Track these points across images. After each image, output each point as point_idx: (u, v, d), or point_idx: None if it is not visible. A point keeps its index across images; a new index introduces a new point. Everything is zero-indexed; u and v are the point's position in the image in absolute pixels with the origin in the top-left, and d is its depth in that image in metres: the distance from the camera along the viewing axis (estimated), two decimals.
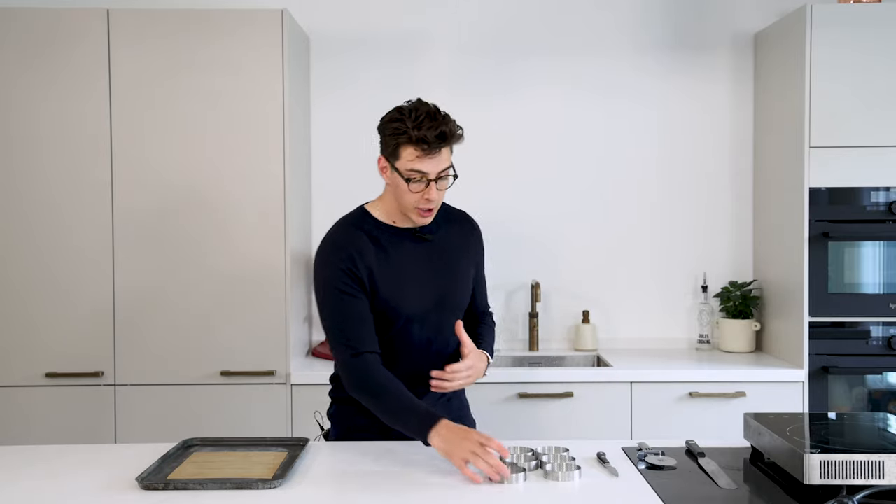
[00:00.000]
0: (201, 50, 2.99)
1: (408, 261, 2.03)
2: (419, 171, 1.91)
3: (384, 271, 1.99)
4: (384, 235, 2.03)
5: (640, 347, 3.50)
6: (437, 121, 1.89)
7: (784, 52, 3.20)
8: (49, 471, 1.84)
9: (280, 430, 2.98)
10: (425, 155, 1.89)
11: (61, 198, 3.00)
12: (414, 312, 2.02)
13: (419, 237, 2.06)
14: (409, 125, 1.88)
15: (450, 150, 1.95)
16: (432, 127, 1.88)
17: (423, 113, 1.89)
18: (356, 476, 1.80)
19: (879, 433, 1.78)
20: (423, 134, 1.87)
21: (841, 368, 3.02)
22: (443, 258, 2.08)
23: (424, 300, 2.03)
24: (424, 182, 1.92)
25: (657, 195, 3.55)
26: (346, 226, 2.04)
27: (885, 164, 3.00)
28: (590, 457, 1.89)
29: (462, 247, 2.13)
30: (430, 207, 1.96)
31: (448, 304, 2.07)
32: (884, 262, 3.03)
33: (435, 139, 1.88)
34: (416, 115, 1.89)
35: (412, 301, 2.01)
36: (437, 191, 1.93)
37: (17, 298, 3.01)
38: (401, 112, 1.92)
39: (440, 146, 1.90)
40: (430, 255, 2.06)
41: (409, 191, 1.93)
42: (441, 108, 1.94)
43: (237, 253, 3.01)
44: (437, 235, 2.09)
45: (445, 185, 1.96)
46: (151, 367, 3.01)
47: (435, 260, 2.06)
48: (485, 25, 3.53)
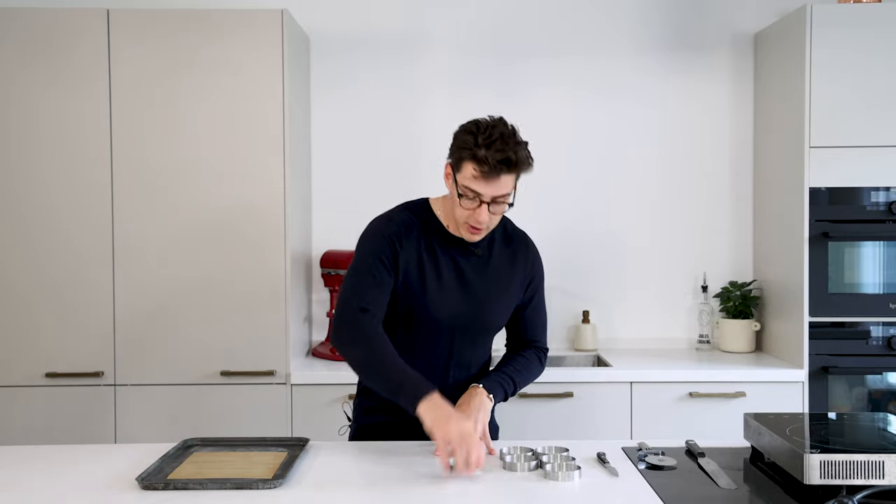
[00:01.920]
0: (201, 50, 2.99)
1: (450, 268, 1.99)
2: (474, 191, 1.85)
3: (424, 270, 1.96)
4: (436, 236, 2.00)
5: (640, 347, 3.50)
6: (506, 144, 1.82)
7: (784, 53, 3.20)
8: (49, 471, 1.84)
9: (280, 430, 2.98)
10: (483, 177, 1.83)
11: (61, 198, 3.00)
12: (440, 319, 1.98)
13: (469, 250, 2.01)
14: (479, 142, 1.82)
15: (514, 177, 1.87)
16: (500, 150, 1.81)
17: (496, 134, 1.83)
18: (356, 476, 1.80)
19: (879, 433, 1.78)
20: (487, 155, 1.81)
21: (841, 368, 3.02)
22: (486, 276, 2.01)
23: (454, 312, 1.98)
24: (477, 202, 1.86)
25: (657, 195, 3.55)
26: (408, 212, 2.01)
27: (885, 164, 3.01)
28: (590, 457, 1.89)
29: (512, 269, 2.05)
30: (478, 227, 1.91)
31: (480, 323, 2.02)
32: (884, 262, 3.03)
33: (497, 164, 1.81)
34: (489, 135, 1.83)
35: (441, 308, 1.97)
36: (488, 214, 1.88)
37: (18, 298, 3.00)
38: (476, 126, 1.87)
39: (501, 172, 1.83)
40: (474, 269, 2.01)
41: (462, 206, 1.89)
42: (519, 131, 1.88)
43: (237, 253, 3.01)
44: (488, 252, 2.03)
45: (499, 210, 1.90)
46: (151, 367, 3.01)
47: (478, 276, 2.01)
48: (485, 26, 3.53)
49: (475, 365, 2.08)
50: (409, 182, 3.49)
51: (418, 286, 1.96)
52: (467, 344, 2.04)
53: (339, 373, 3.00)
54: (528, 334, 2.13)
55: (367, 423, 2.11)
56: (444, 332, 2.00)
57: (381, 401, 1.97)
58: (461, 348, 2.04)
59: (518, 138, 1.86)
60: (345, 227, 3.49)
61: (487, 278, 2.02)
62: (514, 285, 2.06)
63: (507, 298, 2.05)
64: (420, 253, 1.97)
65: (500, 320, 2.08)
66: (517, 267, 2.06)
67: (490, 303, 2.02)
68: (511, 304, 2.07)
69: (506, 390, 2.00)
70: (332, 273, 3.31)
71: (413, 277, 1.96)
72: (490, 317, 2.04)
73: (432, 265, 1.98)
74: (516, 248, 2.08)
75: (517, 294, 2.08)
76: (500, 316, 2.07)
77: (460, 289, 1.99)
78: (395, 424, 2.03)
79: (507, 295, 2.05)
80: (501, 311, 2.06)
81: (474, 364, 2.07)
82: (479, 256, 2.02)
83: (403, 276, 1.95)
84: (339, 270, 3.28)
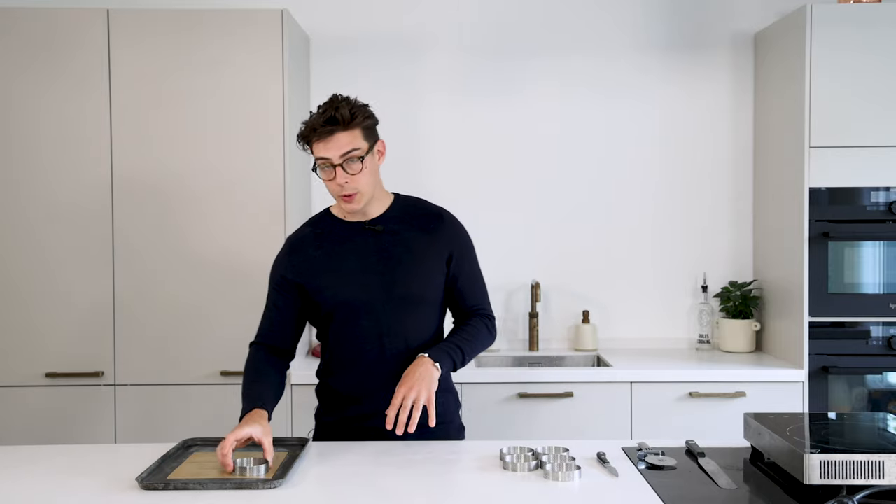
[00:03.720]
0: (201, 50, 2.99)
1: (356, 252, 2.08)
2: (321, 158, 1.98)
3: (327, 264, 2.07)
4: (335, 230, 2.11)
5: (640, 347, 3.50)
6: (329, 107, 1.97)
7: (784, 52, 3.20)
8: (49, 471, 1.84)
9: (280, 430, 2.98)
10: (320, 141, 1.97)
11: (61, 197, 3.00)
12: (357, 300, 2.05)
13: (369, 229, 2.09)
14: (308, 119, 1.99)
15: (356, 134, 1.98)
16: (323, 114, 1.96)
17: (322, 106, 1.99)
18: (356, 476, 1.80)
19: (879, 433, 1.78)
20: (313, 122, 1.97)
21: (841, 368, 3.02)
22: (396, 249, 2.07)
23: (370, 289, 2.05)
24: (331, 168, 1.98)
25: (657, 195, 3.55)
26: (303, 226, 2.18)
27: (885, 164, 3.00)
28: (590, 457, 1.89)
29: (425, 240, 2.10)
30: (347, 193, 2.00)
31: (398, 294, 2.06)
32: (884, 262, 3.03)
33: (323, 124, 1.95)
34: (317, 110, 1.99)
35: (353, 290, 2.05)
36: (347, 174, 1.98)
37: (18, 298, 3.01)
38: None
39: (332, 130, 1.95)
40: (380, 246, 2.08)
41: (324, 179, 2.01)
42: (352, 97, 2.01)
43: (237, 253, 3.01)
44: (393, 228, 2.10)
45: (354, 169, 1.98)
46: (151, 367, 3.01)
47: (387, 251, 2.07)
48: (485, 26, 3.53)
49: (414, 338, 2.08)
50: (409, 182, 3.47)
51: (325, 282, 2.07)
52: (394, 318, 2.06)
53: None
54: (467, 303, 2.17)
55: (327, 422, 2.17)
56: (363, 310, 2.05)
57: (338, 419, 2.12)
58: (389, 323, 2.06)
59: (342, 100, 1.99)
60: None
61: (396, 250, 2.08)
62: (430, 257, 2.10)
63: (423, 269, 2.09)
64: (317, 255, 2.09)
65: (419, 289, 2.09)
66: (432, 239, 2.11)
67: (401, 272, 2.07)
68: (430, 274, 2.10)
69: (453, 357, 2.04)
70: None
71: (317, 279, 2.07)
72: (405, 287, 2.07)
73: (333, 258, 2.08)
74: (429, 221, 2.14)
75: (436, 266, 2.11)
76: (418, 285, 2.09)
77: (366, 267, 2.06)
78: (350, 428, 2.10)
79: (421, 266, 2.09)
80: (418, 281, 2.08)
81: (411, 337, 2.08)
82: (381, 232, 2.09)
83: (307, 283, 2.08)
84: None
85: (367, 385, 2.08)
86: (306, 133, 1.98)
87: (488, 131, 3.53)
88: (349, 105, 1.98)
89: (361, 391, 2.09)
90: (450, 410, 2.16)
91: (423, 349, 2.06)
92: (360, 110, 1.99)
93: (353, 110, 1.97)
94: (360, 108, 1.99)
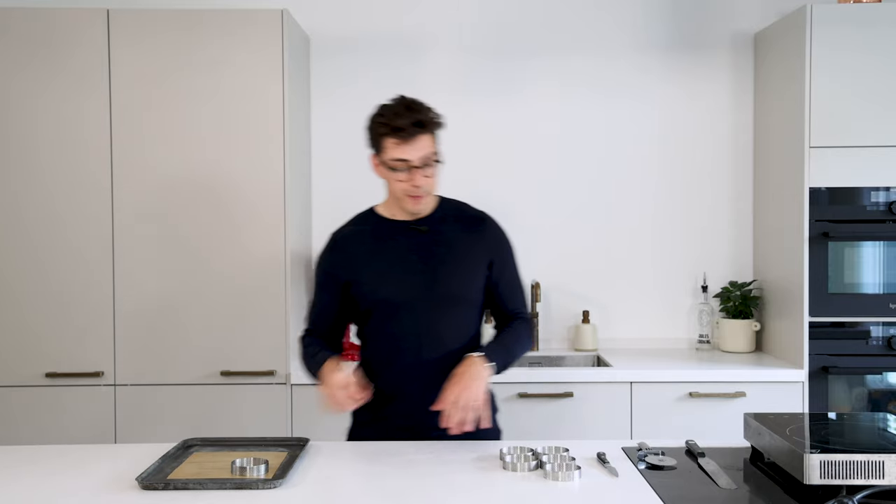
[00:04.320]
0: (201, 50, 2.99)
1: (398, 251, 2.10)
2: (401, 160, 2.00)
3: (371, 261, 2.10)
4: (380, 228, 2.13)
5: (640, 347, 3.50)
6: (412, 110, 2.00)
7: (784, 52, 3.20)
8: (49, 471, 1.84)
9: (280, 430, 2.98)
10: (404, 143, 1.99)
11: (61, 197, 3.00)
12: (396, 298, 2.07)
13: (414, 229, 2.11)
14: (388, 117, 2.00)
15: (431, 137, 2.03)
16: (408, 116, 1.98)
17: (400, 105, 2.02)
18: (356, 476, 1.80)
19: (879, 433, 1.78)
20: (398, 123, 1.98)
21: (841, 368, 3.02)
22: (439, 249, 2.10)
23: (410, 287, 2.07)
24: (408, 169, 2.01)
25: (657, 195, 3.55)
26: (347, 223, 2.21)
27: (885, 164, 3.00)
28: (590, 457, 1.89)
29: (467, 242, 2.13)
30: (418, 194, 2.03)
31: (439, 293, 2.07)
32: (884, 262, 3.03)
33: (411, 126, 1.98)
34: (395, 108, 2.01)
35: (393, 287, 2.07)
36: (423, 177, 2.01)
37: (17, 298, 3.01)
38: (381, 107, 2.05)
39: (417, 133, 1.99)
40: (424, 246, 2.10)
41: (396, 179, 2.03)
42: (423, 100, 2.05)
43: (237, 253, 3.01)
44: (437, 229, 2.12)
45: (431, 172, 2.04)
46: (151, 367, 3.01)
47: (429, 251, 2.09)
48: (485, 26, 3.53)
49: (451, 339, 2.09)
50: None
51: (365, 279, 2.10)
52: (433, 318, 2.08)
53: None
54: (508, 307, 2.19)
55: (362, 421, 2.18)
56: (402, 308, 2.07)
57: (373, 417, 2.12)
58: (427, 323, 2.07)
59: (420, 102, 2.04)
60: None
61: (438, 250, 2.10)
62: (472, 259, 2.12)
63: (464, 270, 2.11)
64: (359, 252, 2.12)
65: (459, 290, 2.11)
66: (474, 242, 2.14)
67: (442, 272, 2.08)
68: (471, 277, 2.12)
69: (503, 360, 2.06)
70: None
71: (358, 275, 2.10)
72: (445, 286, 2.08)
73: (375, 256, 2.11)
74: (472, 224, 2.17)
75: (478, 269, 2.13)
76: (459, 286, 2.11)
77: (408, 266, 2.09)
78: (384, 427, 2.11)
79: (462, 267, 2.11)
80: (459, 282, 2.10)
81: (449, 338, 2.09)
82: (426, 233, 2.12)
83: (348, 279, 2.11)
84: None
85: (402, 384, 2.09)
86: (386, 132, 1.99)
87: (488, 131, 3.53)
88: (430, 110, 2.03)
89: (396, 390, 2.10)
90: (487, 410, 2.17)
91: (461, 351, 2.07)
92: (439, 116, 2.05)
93: (435, 115, 2.04)
94: (438, 114, 2.05)
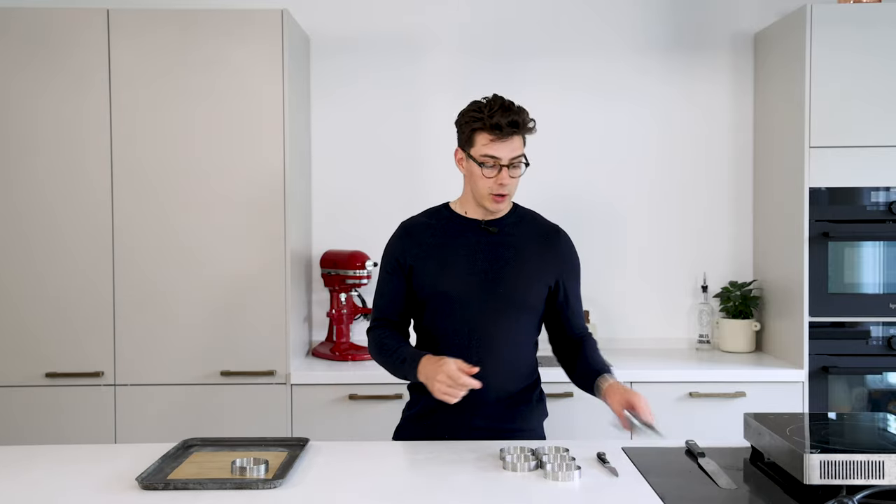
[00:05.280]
0: (201, 50, 2.99)
1: (465, 247, 2.11)
2: (492, 157, 2.02)
3: (436, 253, 2.11)
4: (450, 223, 2.15)
5: (640, 347, 3.50)
6: (510, 110, 2.02)
7: (784, 52, 3.20)
8: (49, 471, 1.84)
9: (280, 430, 2.98)
10: (498, 140, 2.02)
11: (61, 197, 3.00)
12: (452, 292, 2.07)
13: (484, 228, 2.13)
14: (485, 113, 2.02)
15: (522, 140, 2.06)
16: (505, 115, 2.01)
17: (497, 103, 2.04)
18: (356, 476, 1.80)
19: (879, 433, 1.79)
20: (496, 121, 2.00)
21: (841, 368, 3.02)
22: (506, 252, 2.11)
23: (469, 284, 2.07)
24: (497, 168, 2.03)
25: (657, 195, 3.55)
26: (419, 214, 2.23)
27: (885, 164, 3.01)
28: (590, 457, 1.89)
29: (537, 251, 2.13)
30: (502, 193, 2.05)
31: (497, 295, 2.07)
32: (884, 262, 3.03)
33: (507, 125, 2.01)
34: (491, 105, 2.03)
35: (452, 281, 2.08)
36: (509, 177, 2.04)
37: (17, 298, 3.00)
38: (478, 103, 2.07)
39: (512, 133, 2.02)
40: (492, 246, 2.11)
41: (483, 176, 2.04)
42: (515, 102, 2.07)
43: (237, 253, 3.01)
44: (508, 232, 2.13)
45: (517, 173, 2.06)
46: (151, 367, 3.01)
47: (496, 252, 2.10)
48: (485, 26, 3.53)
49: (505, 342, 2.09)
50: (410, 182, 3.49)
51: (428, 269, 2.10)
52: (488, 319, 2.08)
53: (339, 373, 3.00)
54: (575, 326, 2.20)
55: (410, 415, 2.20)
56: (458, 303, 2.07)
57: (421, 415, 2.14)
58: (483, 322, 2.07)
59: (517, 105, 2.06)
60: (345, 228, 3.50)
61: (506, 253, 2.11)
62: (538, 268, 2.12)
63: (528, 276, 2.11)
64: (428, 242, 2.13)
65: (518, 295, 2.10)
66: (545, 252, 2.15)
67: (506, 274, 2.09)
68: (534, 283, 2.12)
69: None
70: (332, 273, 3.31)
71: (422, 264, 2.11)
72: (506, 288, 2.08)
73: (442, 249, 2.11)
74: (545, 234, 2.18)
75: (543, 279, 2.13)
76: (520, 292, 2.10)
77: (471, 263, 2.10)
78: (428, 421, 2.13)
79: (526, 272, 2.11)
80: (521, 286, 2.10)
81: (501, 340, 2.09)
82: (495, 233, 2.12)
83: (413, 266, 2.11)
84: (339, 270, 3.28)
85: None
86: (481, 127, 2.01)
87: None
88: (526, 113, 2.06)
89: None
90: (532, 417, 2.18)
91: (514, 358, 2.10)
92: (533, 121, 2.08)
93: (530, 119, 2.07)
94: (533, 119, 2.08)
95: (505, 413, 2.10)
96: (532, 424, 2.17)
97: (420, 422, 2.14)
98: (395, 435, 2.22)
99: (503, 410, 2.10)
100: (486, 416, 2.08)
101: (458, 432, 2.07)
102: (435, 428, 2.10)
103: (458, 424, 2.08)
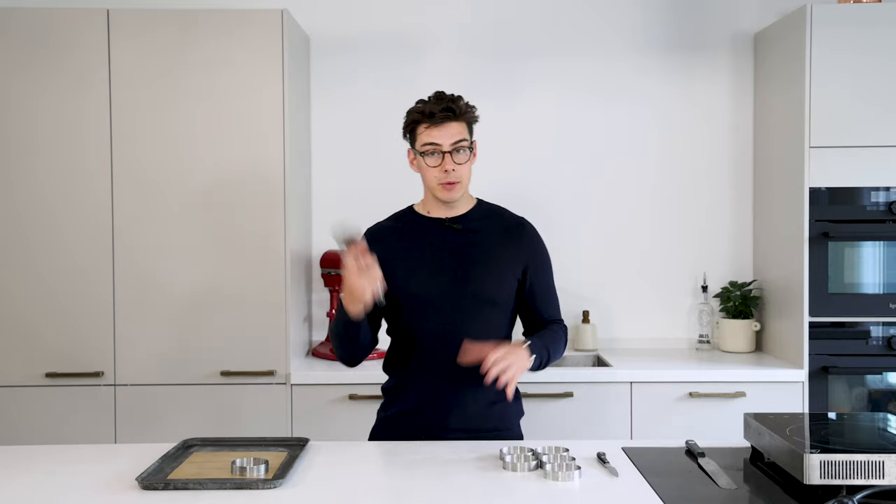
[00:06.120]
0: (201, 50, 2.99)
1: (430, 248, 2.13)
2: (431, 144, 2.06)
3: (402, 256, 2.13)
4: (415, 224, 2.17)
5: (640, 347, 3.50)
6: (442, 99, 2.08)
7: (784, 52, 3.20)
8: (49, 471, 1.84)
9: (280, 430, 2.98)
10: (433, 127, 2.06)
11: (61, 197, 3.00)
12: (423, 294, 2.08)
13: (448, 226, 2.14)
14: (420, 106, 2.10)
15: (464, 126, 2.09)
16: (438, 103, 2.07)
17: (432, 96, 2.11)
18: (356, 476, 1.80)
19: (879, 433, 1.78)
20: (429, 109, 2.06)
21: (841, 368, 3.02)
22: (472, 249, 2.12)
23: (439, 284, 2.09)
24: (440, 155, 2.06)
25: (657, 195, 3.55)
26: (385, 219, 2.25)
27: (885, 164, 3.01)
28: (590, 457, 1.89)
29: (503, 245, 2.14)
30: (450, 181, 2.07)
31: (468, 292, 2.08)
32: (884, 262, 3.03)
33: (440, 111, 2.05)
34: (427, 99, 2.11)
35: (423, 283, 2.09)
36: (454, 163, 2.06)
37: (17, 298, 3.00)
38: (417, 101, 2.14)
39: (446, 118, 2.06)
40: (458, 245, 2.13)
41: (428, 166, 2.08)
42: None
43: (237, 253, 3.01)
44: (471, 227, 2.14)
45: (462, 158, 2.08)
46: (151, 367, 3.01)
47: (462, 250, 2.12)
48: (485, 26, 3.53)
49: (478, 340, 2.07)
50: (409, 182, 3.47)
51: (397, 272, 2.10)
52: (462, 317, 2.08)
53: (339, 373, 3.00)
54: (544, 314, 2.20)
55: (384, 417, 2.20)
56: (430, 305, 2.09)
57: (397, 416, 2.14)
58: (455, 321, 2.08)
59: (454, 95, 2.10)
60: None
61: (472, 250, 2.12)
62: (506, 261, 2.14)
63: (496, 271, 2.12)
64: (394, 246, 2.15)
65: (489, 291, 2.11)
66: (511, 245, 2.15)
67: (474, 272, 2.10)
68: (503, 277, 2.13)
69: (543, 354, 2.06)
70: (332, 273, 3.31)
71: (390, 268, 2.08)
72: (476, 286, 2.09)
73: (409, 251, 2.14)
74: (509, 227, 2.18)
75: (511, 272, 2.14)
76: (490, 287, 2.11)
77: (439, 263, 2.11)
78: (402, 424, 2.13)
79: (495, 268, 2.12)
80: (489, 283, 2.11)
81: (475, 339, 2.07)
82: (459, 230, 2.14)
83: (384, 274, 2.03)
84: (339, 270, 3.27)
85: (423, 383, 2.10)
86: (419, 118, 2.08)
87: (488, 132, 3.50)
88: (462, 100, 2.10)
89: (418, 388, 2.11)
90: (508, 416, 2.17)
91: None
92: (472, 107, 2.12)
93: (467, 105, 2.10)
94: (470, 106, 2.12)
95: (481, 413, 2.10)
96: (508, 423, 2.16)
97: (396, 423, 2.15)
98: (370, 436, 2.22)
99: (480, 410, 2.10)
100: (462, 416, 2.09)
101: (433, 433, 2.08)
102: (410, 429, 2.10)
103: (434, 426, 2.08)
